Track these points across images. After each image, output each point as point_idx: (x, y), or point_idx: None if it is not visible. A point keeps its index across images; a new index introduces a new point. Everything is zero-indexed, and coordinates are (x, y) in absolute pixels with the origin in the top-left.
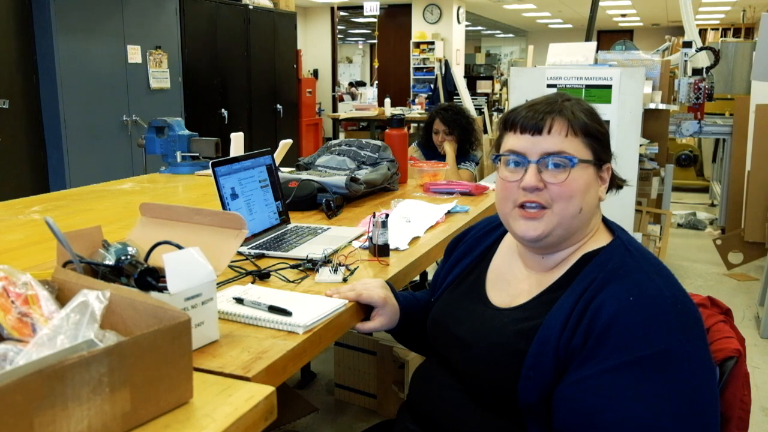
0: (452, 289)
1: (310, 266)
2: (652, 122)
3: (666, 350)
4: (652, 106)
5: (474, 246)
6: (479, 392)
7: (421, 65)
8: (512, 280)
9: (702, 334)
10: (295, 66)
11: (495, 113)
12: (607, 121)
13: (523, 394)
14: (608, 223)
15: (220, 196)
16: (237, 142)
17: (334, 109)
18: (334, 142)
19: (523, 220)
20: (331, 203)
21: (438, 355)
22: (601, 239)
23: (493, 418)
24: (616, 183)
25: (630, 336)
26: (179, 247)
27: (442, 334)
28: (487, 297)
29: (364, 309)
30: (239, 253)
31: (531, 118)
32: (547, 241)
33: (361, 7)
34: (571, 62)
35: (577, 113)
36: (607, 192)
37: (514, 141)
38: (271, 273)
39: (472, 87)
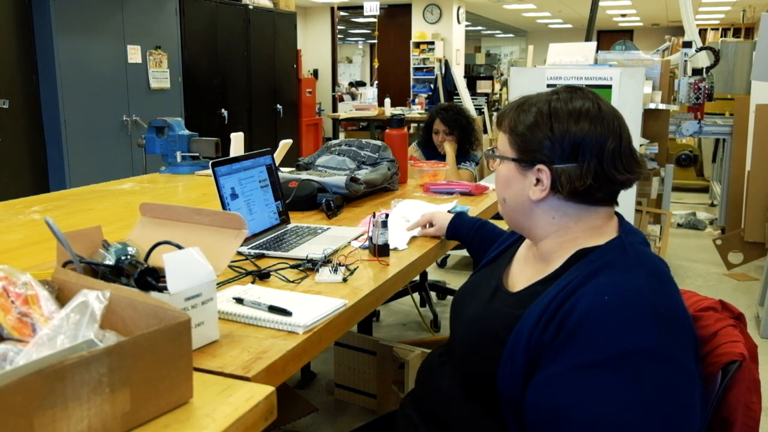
0: (482, 269)
1: (310, 266)
2: (652, 122)
3: (634, 351)
4: (652, 106)
5: (511, 235)
6: (466, 378)
7: (421, 65)
8: (525, 266)
9: (685, 340)
10: (295, 66)
11: (495, 113)
12: None
13: (501, 385)
14: (622, 224)
15: (220, 196)
16: (237, 142)
17: (334, 109)
18: (334, 142)
19: None
20: (331, 203)
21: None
22: (603, 237)
23: (480, 407)
24: (569, 188)
25: (599, 335)
26: (179, 247)
27: (456, 311)
28: (501, 279)
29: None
30: (239, 253)
31: (500, 114)
32: (509, 223)
33: (361, 7)
34: (571, 62)
35: (527, 113)
36: (576, 197)
37: None
38: (271, 273)
39: (472, 87)
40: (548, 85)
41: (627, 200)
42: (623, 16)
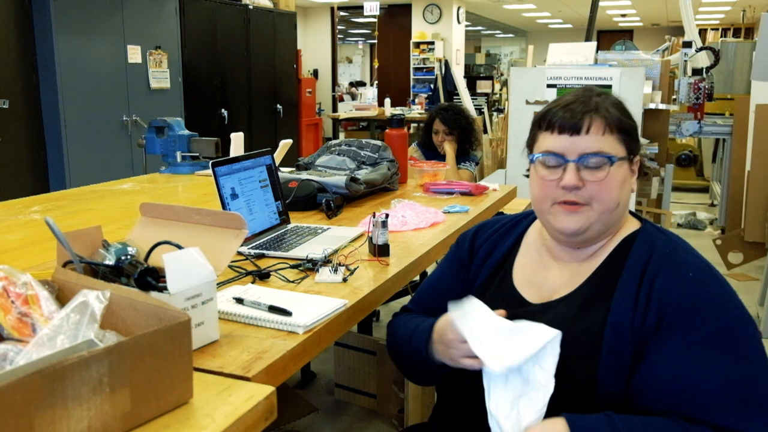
0: (479, 295)
1: (310, 266)
2: (652, 122)
3: (732, 319)
4: (652, 106)
5: (493, 248)
6: (557, 390)
7: (421, 65)
8: (545, 274)
9: None
10: (295, 66)
11: (495, 113)
12: None
13: (606, 381)
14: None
15: (220, 196)
16: (237, 142)
17: (334, 109)
18: (334, 142)
19: (564, 215)
20: (331, 203)
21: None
22: (631, 225)
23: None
24: (643, 171)
25: (703, 308)
26: (179, 247)
27: None
28: (521, 296)
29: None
30: (239, 253)
31: (569, 119)
32: (586, 236)
33: (361, 7)
34: (571, 62)
35: (611, 110)
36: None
37: (552, 141)
38: (271, 273)
39: (472, 87)
40: (548, 85)
41: None
42: (623, 16)
